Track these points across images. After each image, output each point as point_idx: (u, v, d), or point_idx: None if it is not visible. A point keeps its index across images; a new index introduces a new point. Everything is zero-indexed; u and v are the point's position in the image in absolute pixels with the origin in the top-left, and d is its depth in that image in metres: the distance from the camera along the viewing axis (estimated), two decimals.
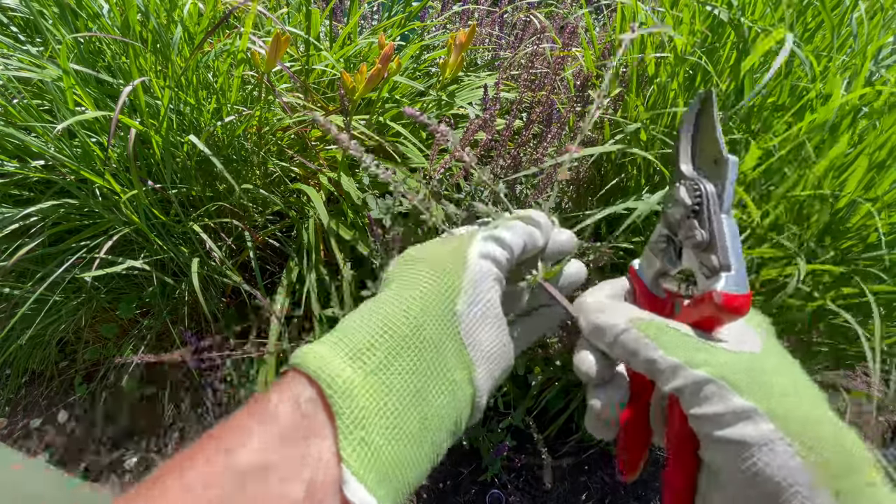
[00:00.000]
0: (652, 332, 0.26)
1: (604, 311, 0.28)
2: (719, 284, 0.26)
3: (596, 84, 0.94)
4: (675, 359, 0.25)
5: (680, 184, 0.29)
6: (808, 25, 0.72)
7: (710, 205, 0.28)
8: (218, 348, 0.97)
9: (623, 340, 0.26)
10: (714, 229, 0.27)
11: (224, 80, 0.89)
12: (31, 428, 1.16)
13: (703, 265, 0.27)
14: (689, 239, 0.28)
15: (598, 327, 0.27)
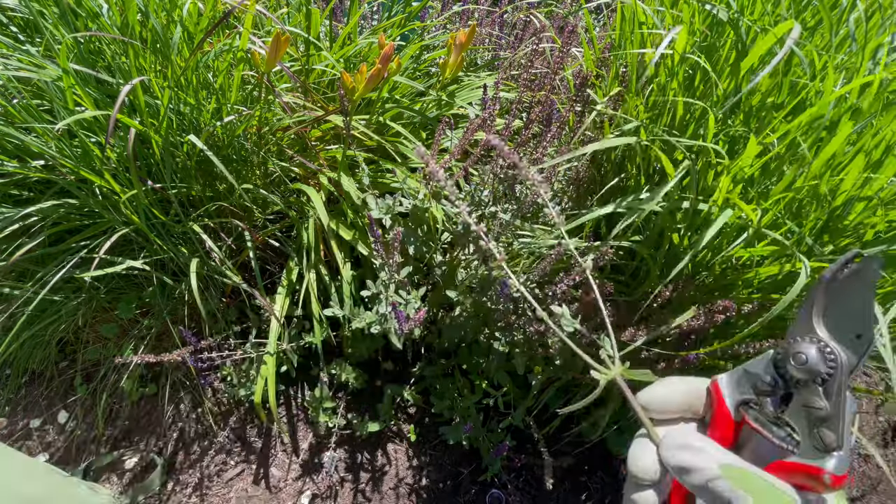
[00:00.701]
0: (747, 485, 0.26)
1: (688, 449, 0.27)
2: (830, 464, 0.26)
3: (596, 84, 0.94)
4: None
5: (811, 342, 0.27)
6: (807, 25, 0.72)
7: (842, 378, 0.27)
8: (218, 348, 0.97)
9: (715, 488, 0.26)
10: (839, 406, 0.26)
11: (224, 79, 0.89)
12: (31, 428, 1.16)
13: (816, 435, 0.27)
14: (810, 407, 0.27)
15: (684, 468, 0.27)
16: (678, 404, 0.30)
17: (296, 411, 1.15)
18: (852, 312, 0.27)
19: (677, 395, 0.30)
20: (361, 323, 0.87)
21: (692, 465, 0.27)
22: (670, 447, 0.28)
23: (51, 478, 0.87)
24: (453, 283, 0.95)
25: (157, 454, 1.09)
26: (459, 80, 1.21)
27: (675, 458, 0.27)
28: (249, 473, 1.08)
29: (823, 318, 0.28)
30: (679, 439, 0.28)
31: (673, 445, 0.28)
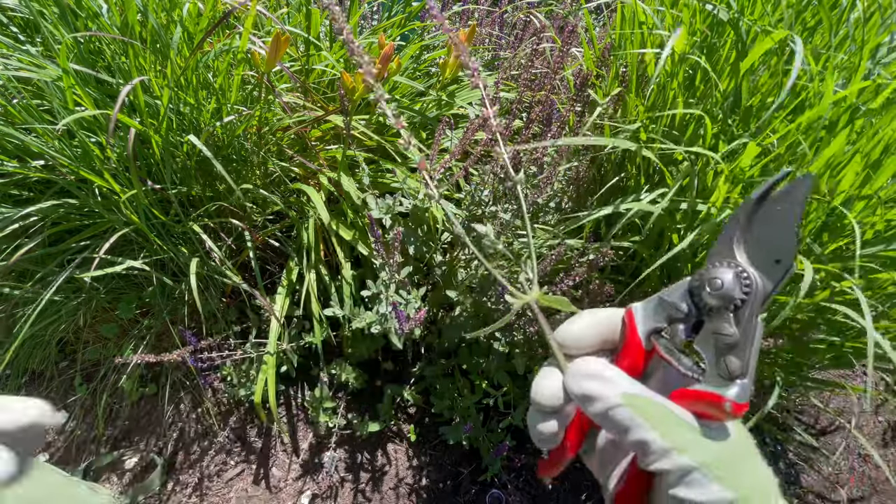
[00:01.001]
0: (647, 413, 0.26)
1: (595, 378, 0.27)
2: (732, 392, 0.25)
3: (596, 84, 0.94)
4: (667, 444, 0.26)
5: (729, 267, 0.27)
6: (807, 25, 0.72)
7: (753, 304, 0.26)
8: (218, 348, 0.97)
9: (615, 416, 0.26)
10: (748, 333, 0.26)
11: (224, 79, 0.89)
12: None
13: (722, 363, 0.26)
14: (719, 334, 0.26)
15: (588, 396, 0.27)
16: (593, 337, 0.30)
17: (296, 411, 1.15)
18: (775, 237, 0.26)
19: (592, 329, 0.30)
20: (361, 323, 0.87)
21: (595, 394, 0.27)
22: (575, 375, 0.28)
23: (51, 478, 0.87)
24: (453, 283, 0.95)
25: (157, 454, 1.09)
26: (459, 80, 1.21)
27: (580, 387, 0.27)
28: (249, 473, 1.08)
29: (745, 242, 0.27)
30: (584, 368, 0.28)
31: (578, 374, 0.28)
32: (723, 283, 0.26)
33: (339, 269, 0.97)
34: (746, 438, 0.28)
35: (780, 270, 0.26)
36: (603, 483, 0.32)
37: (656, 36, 0.81)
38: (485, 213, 0.87)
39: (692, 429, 0.26)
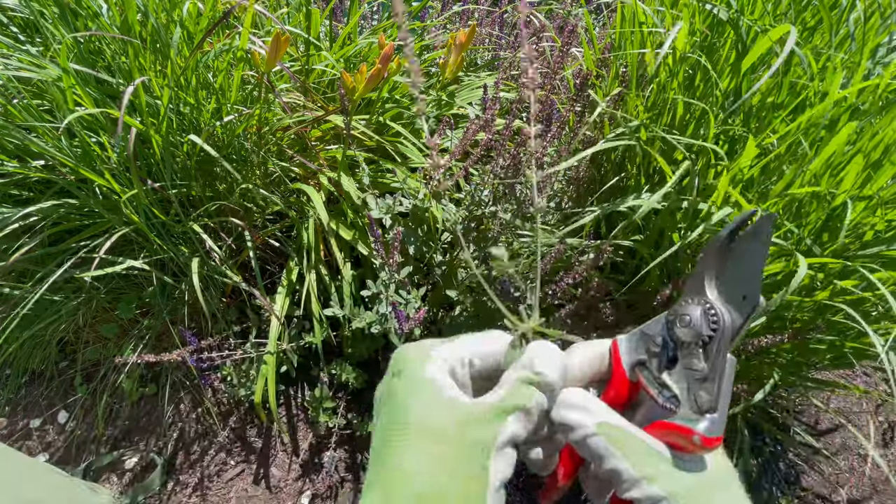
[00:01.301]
0: (619, 443, 0.27)
1: (575, 409, 0.28)
2: (702, 426, 0.26)
3: (596, 83, 0.94)
4: (637, 473, 0.26)
5: (698, 304, 0.28)
6: (807, 25, 0.72)
7: (721, 340, 0.27)
8: (218, 348, 0.97)
9: (591, 444, 0.27)
10: (717, 368, 0.26)
11: (224, 79, 0.89)
12: (31, 428, 1.16)
13: (693, 396, 0.27)
14: (689, 369, 0.27)
15: (567, 425, 0.28)
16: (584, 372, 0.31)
17: (296, 411, 1.15)
18: (743, 274, 0.27)
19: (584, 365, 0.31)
20: (361, 323, 0.87)
21: (573, 423, 0.28)
22: (559, 405, 0.29)
23: (51, 478, 0.87)
24: (453, 283, 0.95)
25: (157, 454, 1.09)
26: (459, 80, 1.21)
27: (560, 415, 0.28)
28: (249, 473, 1.08)
29: (716, 279, 0.28)
30: (567, 398, 0.29)
31: (561, 404, 0.29)
32: (691, 319, 0.27)
33: (339, 269, 0.97)
34: (726, 470, 0.28)
35: (747, 306, 0.26)
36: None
37: (656, 35, 0.81)
38: (485, 213, 0.87)
39: (664, 459, 0.27)
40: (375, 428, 0.29)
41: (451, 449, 0.26)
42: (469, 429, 0.27)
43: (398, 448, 0.26)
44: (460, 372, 0.30)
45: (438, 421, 0.27)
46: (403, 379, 0.29)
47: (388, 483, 0.26)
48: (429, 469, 0.25)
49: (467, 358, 0.31)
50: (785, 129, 0.64)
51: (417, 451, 0.26)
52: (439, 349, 0.30)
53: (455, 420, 0.27)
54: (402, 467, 0.26)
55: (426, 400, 0.28)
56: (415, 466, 0.25)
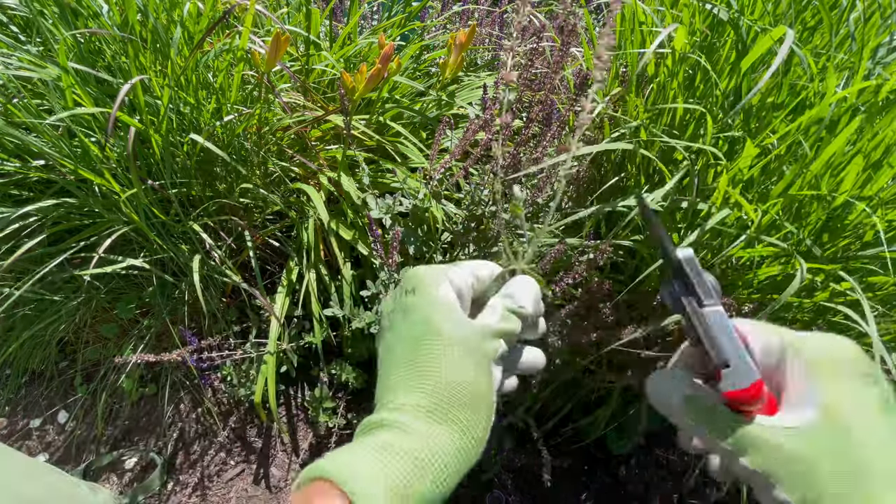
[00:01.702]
0: (703, 416, 0.28)
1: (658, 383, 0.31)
2: (722, 384, 0.27)
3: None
4: (727, 446, 0.27)
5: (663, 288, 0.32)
6: (807, 25, 0.72)
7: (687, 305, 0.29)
8: (218, 348, 0.97)
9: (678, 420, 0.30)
10: (697, 326, 0.29)
11: (224, 79, 0.89)
12: (31, 428, 1.16)
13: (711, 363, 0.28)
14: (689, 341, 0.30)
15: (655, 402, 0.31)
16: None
17: (296, 411, 1.15)
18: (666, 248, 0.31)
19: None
20: (361, 323, 0.87)
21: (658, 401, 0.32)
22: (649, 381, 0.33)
23: (51, 478, 0.87)
24: None
25: (157, 454, 1.09)
26: (459, 80, 1.21)
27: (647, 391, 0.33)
28: (249, 473, 1.08)
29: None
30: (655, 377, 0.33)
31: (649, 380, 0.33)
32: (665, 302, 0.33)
33: (338, 269, 0.97)
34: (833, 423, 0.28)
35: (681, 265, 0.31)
36: None
37: (656, 34, 0.81)
38: (484, 212, 0.87)
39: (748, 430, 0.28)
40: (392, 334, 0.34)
41: (476, 357, 0.32)
42: (482, 343, 0.32)
43: (434, 355, 0.31)
44: (466, 293, 0.36)
45: (463, 334, 0.32)
46: (421, 296, 0.34)
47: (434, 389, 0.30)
48: (464, 377, 0.31)
49: (471, 281, 0.36)
50: (785, 129, 0.64)
51: (453, 360, 0.31)
52: (451, 273, 0.35)
53: (474, 335, 0.32)
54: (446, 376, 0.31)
55: (448, 317, 0.33)
56: (455, 376, 0.31)
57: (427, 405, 0.29)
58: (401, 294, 0.34)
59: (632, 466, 1.10)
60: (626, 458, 1.10)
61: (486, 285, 0.37)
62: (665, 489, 1.07)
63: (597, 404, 1.00)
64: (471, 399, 0.30)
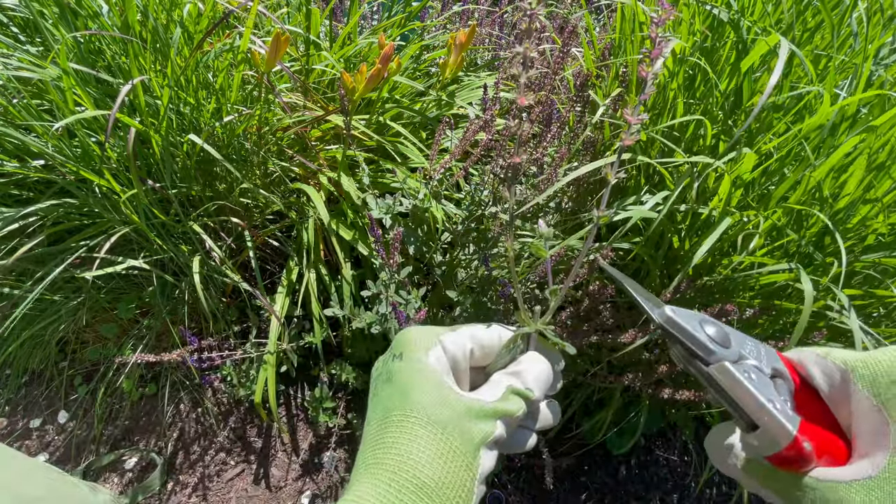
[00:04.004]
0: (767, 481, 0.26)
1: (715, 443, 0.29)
2: (760, 447, 0.25)
3: (596, 84, 0.94)
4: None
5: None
6: (807, 25, 0.72)
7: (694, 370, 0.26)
8: (218, 348, 0.97)
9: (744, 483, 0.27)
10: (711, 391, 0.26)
11: (224, 79, 0.89)
12: (31, 428, 1.16)
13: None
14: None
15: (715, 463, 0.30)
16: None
17: (296, 411, 1.15)
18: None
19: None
20: (361, 323, 0.87)
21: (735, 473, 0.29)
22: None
23: (51, 478, 0.87)
24: (453, 283, 0.95)
25: (157, 454, 1.09)
26: (459, 80, 1.21)
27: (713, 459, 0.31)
28: (249, 473, 1.08)
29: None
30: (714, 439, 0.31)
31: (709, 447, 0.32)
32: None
33: (339, 269, 0.97)
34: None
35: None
36: None
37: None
38: (485, 213, 0.87)
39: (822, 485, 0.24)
40: (372, 405, 0.30)
41: (450, 443, 0.27)
42: (466, 425, 0.28)
43: (402, 434, 0.27)
44: (462, 361, 0.31)
45: (440, 414, 0.28)
46: (406, 363, 0.30)
47: (396, 468, 0.26)
48: (430, 460, 0.27)
49: (469, 347, 0.32)
50: (785, 130, 0.63)
51: (420, 441, 0.27)
52: (444, 337, 0.31)
53: (456, 414, 0.28)
54: (409, 455, 0.27)
55: (428, 389, 0.28)
56: (418, 456, 0.27)
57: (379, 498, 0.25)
58: (388, 358, 0.31)
59: (632, 466, 1.10)
60: (626, 458, 1.10)
61: (493, 352, 0.33)
62: (665, 489, 1.07)
63: (598, 405, 1.00)
64: (438, 491, 0.26)
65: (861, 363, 0.24)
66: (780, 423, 0.23)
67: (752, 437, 0.25)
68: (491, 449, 0.29)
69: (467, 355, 0.32)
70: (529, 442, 0.34)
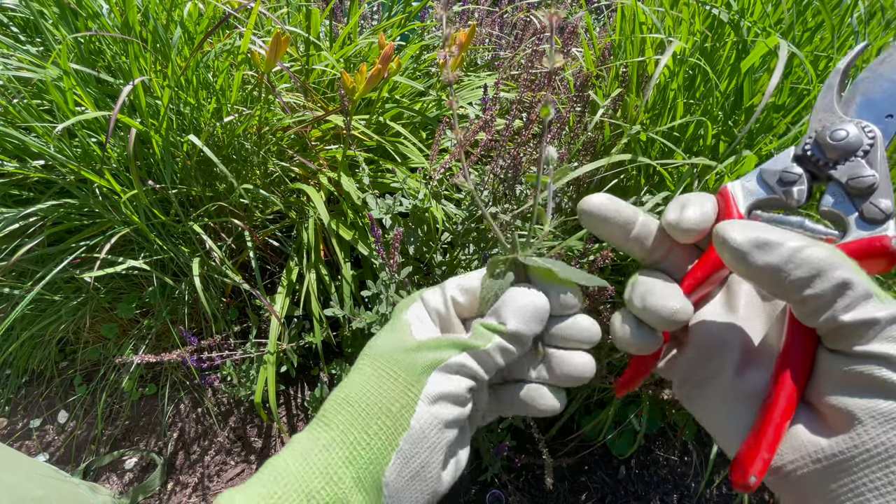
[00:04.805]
0: (841, 256, 0.22)
1: (765, 230, 0.23)
2: (891, 230, 0.24)
3: (596, 84, 0.94)
4: (869, 287, 0.21)
5: (844, 122, 0.26)
6: (807, 25, 0.72)
7: (881, 149, 0.25)
8: (218, 348, 0.97)
9: (808, 256, 0.22)
10: (885, 172, 0.25)
11: (224, 79, 0.89)
12: (31, 428, 1.16)
13: (869, 207, 0.24)
14: (857, 178, 0.25)
15: (767, 242, 0.23)
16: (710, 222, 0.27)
17: (296, 411, 1.15)
18: (883, 93, 0.26)
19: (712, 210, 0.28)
20: (361, 323, 0.87)
21: (777, 239, 0.23)
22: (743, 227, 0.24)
23: (51, 478, 0.87)
24: None
25: (157, 454, 1.09)
26: (459, 80, 1.21)
27: (753, 235, 0.23)
28: (249, 473, 1.08)
29: (848, 105, 0.27)
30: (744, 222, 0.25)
31: (744, 226, 0.24)
32: (847, 133, 0.26)
33: (339, 269, 0.97)
34: None
35: (893, 124, 0.26)
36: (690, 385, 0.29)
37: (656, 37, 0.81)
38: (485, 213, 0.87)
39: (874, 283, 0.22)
40: None
41: (390, 367, 0.28)
42: (414, 354, 0.28)
43: (351, 373, 0.29)
44: (444, 311, 0.31)
45: (389, 349, 0.28)
46: (389, 322, 0.31)
47: (332, 397, 0.28)
48: (361, 381, 0.28)
49: (450, 294, 0.31)
50: (785, 130, 0.64)
51: (360, 372, 0.28)
52: (426, 293, 0.31)
53: (404, 348, 0.28)
54: (344, 385, 0.28)
55: (388, 336, 0.29)
56: (354, 383, 0.28)
57: (310, 426, 0.27)
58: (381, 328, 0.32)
59: (632, 466, 1.10)
60: (626, 458, 1.11)
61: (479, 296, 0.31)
62: (665, 489, 1.08)
63: (598, 405, 1.00)
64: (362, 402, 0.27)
65: None
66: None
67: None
68: (449, 373, 0.28)
69: (449, 303, 0.31)
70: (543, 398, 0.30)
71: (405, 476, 0.26)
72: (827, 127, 0.26)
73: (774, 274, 0.23)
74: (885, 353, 0.21)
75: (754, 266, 0.23)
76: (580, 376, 0.29)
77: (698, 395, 0.28)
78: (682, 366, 0.29)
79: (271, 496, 0.24)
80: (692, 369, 0.29)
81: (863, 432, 0.21)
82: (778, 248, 0.22)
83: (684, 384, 0.29)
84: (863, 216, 0.25)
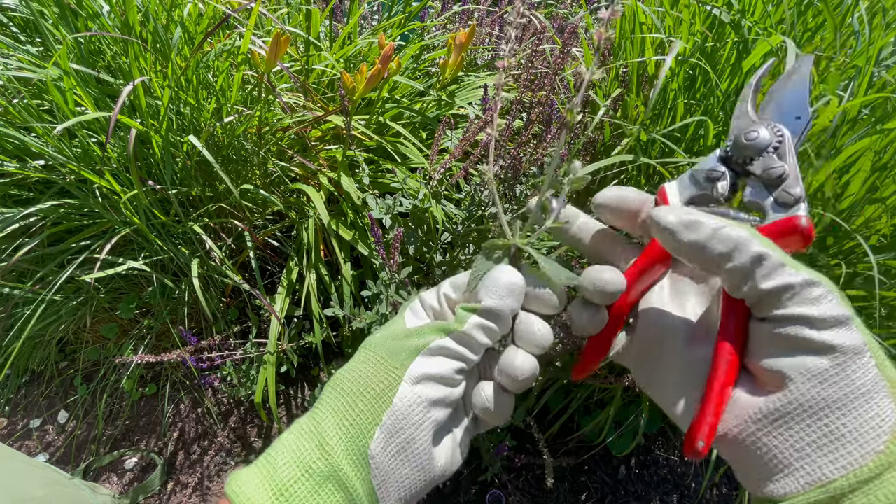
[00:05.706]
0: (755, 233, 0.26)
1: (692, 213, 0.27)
2: (801, 211, 0.27)
3: (596, 84, 0.94)
4: (783, 258, 0.24)
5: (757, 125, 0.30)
6: (808, 26, 0.72)
7: (790, 143, 0.29)
8: (218, 348, 0.97)
9: (726, 234, 0.25)
10: (794, 166, 0.29)
11: (224, 80, 0.89)
12: (31, 428, 1.16)
13: (778, 197, 0.29)
14: (769, 169, 0.29)
15: (693, 222, 0.26)
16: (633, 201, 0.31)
17: (296, 411, 1.15)
18: (792, 99, 0.31)
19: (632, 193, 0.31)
20: (362, 323, 0.87)
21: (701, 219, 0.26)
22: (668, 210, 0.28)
23: (50, 478, 0.87)
24: None
25: (157, 454, 1.09)
26: (459, 80, 1.21)
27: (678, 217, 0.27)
28: None
29: (762, 111, 0.31)
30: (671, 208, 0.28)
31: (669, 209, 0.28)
32: (759, 133, 0.30)
33: (339, 270, 0.97)
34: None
35: (801, 124, 0.30)
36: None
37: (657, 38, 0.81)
38: (485, 213, 0.87)
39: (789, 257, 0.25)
40: None
41: (378, 354, 0.29)
42: (399, 341, 0.30)
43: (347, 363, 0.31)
44: (437, 307, 0.32)
45: (382, 339, 0.30)
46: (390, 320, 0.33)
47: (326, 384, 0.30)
48: (352, 367, 0.30)
49: (443, 292, 0.33)
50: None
51: (353, 360, 0.30)
52: (424, 293, 0.33)
53: (394, 336, 0.30)
54: (338, 372, 0.30)
55: (385, 329, 0.31)
56: (345, 368, 0.30)
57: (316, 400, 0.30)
58: None
59: (632, 466, 1.10)
60: (626, 459, 1.10)
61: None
62: (665, 489, 1.07)
63: (598, 405, 1.00)
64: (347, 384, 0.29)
65: None
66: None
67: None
68: (431, 355, 0.29)
69: (442, 298, 0.32)
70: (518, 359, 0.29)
71: (390, 451, 0.27)
72: (742, 130, 0.31)
73: (700, 250, 0.26)
74: (803, 314, 0.23)
75: (682, 242, 0.26)
76: (515, 377, 0.29)
77: (653, 378, 0.30)
78: (635, 349, 0.32)
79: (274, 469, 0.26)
80: (644, 352, 0.31)
81: (794, 388, 0.23)
82: (702, 227, 0.26)
83: (640, 368, 0.31)
84: (777, 202, 0.29)
